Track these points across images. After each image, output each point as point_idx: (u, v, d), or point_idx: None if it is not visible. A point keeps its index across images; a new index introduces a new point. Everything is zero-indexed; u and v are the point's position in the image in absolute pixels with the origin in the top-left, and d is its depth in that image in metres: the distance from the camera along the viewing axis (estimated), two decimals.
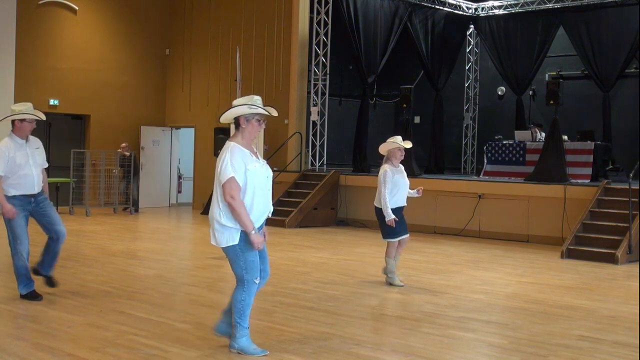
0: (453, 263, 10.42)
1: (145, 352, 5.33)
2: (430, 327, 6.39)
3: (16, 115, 6.93)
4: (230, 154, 5.04)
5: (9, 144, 6.90)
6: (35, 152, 7.07)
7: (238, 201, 4.98)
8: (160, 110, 20.01)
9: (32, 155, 7.00)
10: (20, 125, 6.95)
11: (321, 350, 5.54)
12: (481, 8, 18.62)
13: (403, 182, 8.35)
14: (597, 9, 16.28)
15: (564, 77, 16.95)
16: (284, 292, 7.89)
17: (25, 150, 6.96)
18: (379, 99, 19.74)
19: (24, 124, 6.94)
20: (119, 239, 12.24)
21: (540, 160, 14.00)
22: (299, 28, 17.06)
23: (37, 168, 7.02)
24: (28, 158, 6.95)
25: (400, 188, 8.28)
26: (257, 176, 5.09)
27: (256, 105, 5.19)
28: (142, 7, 19.57)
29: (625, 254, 10.80)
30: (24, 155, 6.93)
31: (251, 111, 5.16)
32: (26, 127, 6.96)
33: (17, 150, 6.89)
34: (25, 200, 6.93)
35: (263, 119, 5.27)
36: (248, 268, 5.17)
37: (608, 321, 6.87)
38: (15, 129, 6.96)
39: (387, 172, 8.20)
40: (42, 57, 17.77)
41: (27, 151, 6.98)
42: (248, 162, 5.06)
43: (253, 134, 5.21)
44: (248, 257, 5.15)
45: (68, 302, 7.03)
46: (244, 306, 5.23)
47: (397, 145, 8.30)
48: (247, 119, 5.19)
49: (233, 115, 5.22)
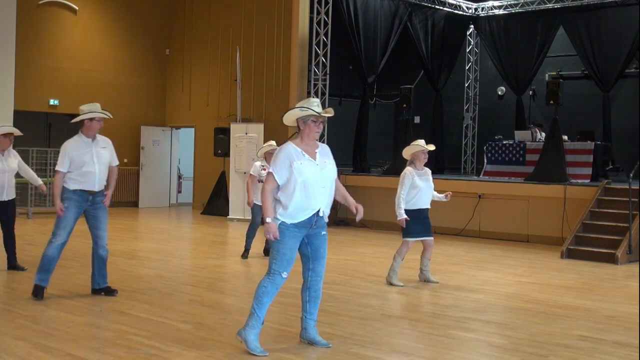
0: (453, 263, 10.42)
1: (145, 352, 5.33)
2: (430, 327, 6.39)
3: (85, 114, 7.26)
4: (277, 152, 5.46)
5: (74, 142, 7.27)
6: (101, 151, 7.35)
7: (266, 191, 5.37)
8: (160, 110, 20.01)
9: (98, 153, 7.29)
10: (90, 124, 7.30)
11: (321, 350, 5.53)
12: (481, 8, 18.61)
13: (426, 185, 8.40)
14: (597, 9, 16.27)
15: (564, 77, 16.93)
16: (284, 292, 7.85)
17: (90, 148, 7.27)
18: (379, 99, 19.73)
19: (92, 122, 7.29)
20: (119, 239, 12.23)
21: (540, 160, 14.00)
22: (299, 28, 17.04)
23: (101, 167, 7.29)
24: (93, 156, 7.24)
25: (421, 190, 8.34)
26: (302, 173, 5.31)
27: (308, 107, 5.46)
28: (142, 7, 19.57)
29: (625, 254, 10.80)
30: (88, 153, 7.22)
31: (303, 113, 5.46)
32: (94, 125, 7.32)
33: (82, 148, 7.23)
34: (83, 196, 7.19)
35: (320, 119, 5.49)
36: (277, 259, 5.39)
37: (608, 321, 6.87)
38: (84, 128, 7.30)
39: (407, 174, 8.33)
40: (42, 57, 17.77)
41: (93, 149, 7.27)
42: (295, 159, 5.35)
43: (311, 134, 5.47)
44: (280, 248, 5.37)
45: (68, 302, 7.03)
46: (264, 293, 5.41)
47: (421, 148, 8.42)
48: (304, 120, 5.47)
49: (292, 119, 5.54)
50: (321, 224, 5.48)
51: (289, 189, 5.34)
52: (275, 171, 5.35)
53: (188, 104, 19.66)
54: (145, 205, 19.06)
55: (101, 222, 7.36)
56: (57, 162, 7.26)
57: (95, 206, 7.30)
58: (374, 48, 16.47)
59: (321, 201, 5.42)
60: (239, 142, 16.38)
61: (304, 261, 5.58)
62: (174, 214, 18.15)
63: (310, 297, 5.60)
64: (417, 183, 8.28)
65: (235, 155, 16.41)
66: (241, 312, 6.82)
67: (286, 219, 5.36)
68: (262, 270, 9.76)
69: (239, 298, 7.70)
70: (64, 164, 7.15)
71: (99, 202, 7.31)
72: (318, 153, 5.48)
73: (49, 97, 17.85)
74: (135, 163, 19.18)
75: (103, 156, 7.34)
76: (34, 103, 17.43)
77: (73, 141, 7.30)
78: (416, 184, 8.27)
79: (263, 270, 9.73)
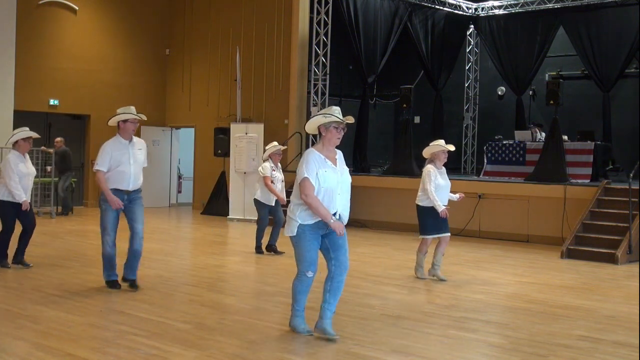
0: (453, 263, 10.41)
1: (145, 352, 5.33)
2: (430, 327, 6.39)
3: (118, 116, 7.58)
4: (305, 158, 5.73)
5: (113, 143, 7.60)
6: (137, 153, 7.66)
7: (311, 197, 5.61)
8: (160, 110, 20.01)
9: (134, 154, 7.61)
10: (124, 126, 7.60)
11: (321, 350, 5.54)
12: (481, 8, 18.61)
13: (445, 184, 8.77)
14: (597, 9, 16.27)
15: (564, 77, 16.94)
16: (284, 292, 7.89)
17: (127, 149, 7.58)
18: (379, 99, 19.73)
19: (126, 124, 7.59)
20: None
21: (540, 160, 13.99)
22: (299, 28, 17.06)
23: (136, 167, 7.63)
24: (129, 157, 7.56)
25: (441, 188, 8.69)
26: (326, 180, 5.67)
27: (331, 114, 5.75)
28: (142, 7, 19.57)
29: (625, 254, 10.80)
30: (125, 154, 7.55)
31: (327, 120, 5.76)
32: (129, 127, 7.61)
33: (119, 149, 7.54)
34: (119, 194, 7.52)
35: (341, 126, 5.79)
36: (300, 260, 5.78)
37: (608, 321, 6.87)
38: (120, 130, 7.62)
39: (430, 171, 8.68)
40: (42, 57, 17.77)
41: (129, 151, 7.59)
42: (320, 167, 5.68)
43: (332, 140, 5.78)
44: (302, 249, 5.74)
45: (68, 302, 7.03)
46: (295, 292, 5.88)
47: (442, 148, 8.78)
48: (326, 127, 5.77)
49: (314, 126, 5.84)
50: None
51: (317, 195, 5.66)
52: (310, 175, 5.63)
53: (188, 104, 19.66)
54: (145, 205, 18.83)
55: (138, 215, 7.72)
56: (97, 162, 7.56)
57: (132, 202, 7.68)
58: (374, 48, 16.47)
59: (339, 205, 5.78)
60: (239, 142, 16.38)
61: (325, 254, 5.85)
62: (174, 214, 18.15)
63: (331, 288, 5.83)
64: (439, 181, 8.64)
65: (235, 155, 16.41)
66: (241, 312, 6.83)
67: (306, 221, 5.68)
68: (262, 270, 9.80)
69: (239, 298, 7.70)
70: (104, 164, 7.49)
71: (134, 199, 7.69)
72: (338, 159, 5.84)
73: (49, 97, 17.85)
74: None
75: (138, 157, 7.68)
76: (34, 103, 17.43)
77: (112, 142, 7.62)
78: (438, 183, 8.64)
79: (263, 270, 9.77)
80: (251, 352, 5.40)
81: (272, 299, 7.52)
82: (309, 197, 5.60)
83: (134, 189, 7.65)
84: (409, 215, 14.42)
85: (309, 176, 5.62)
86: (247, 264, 10.17)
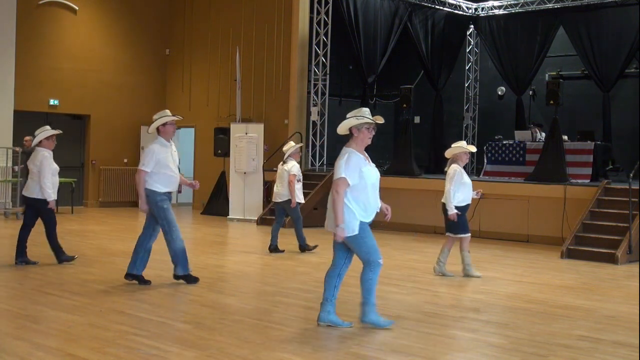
0: (453, 263, 10.41)
1: (145, 352, 5.33)
2: (430, 327, 6.39)
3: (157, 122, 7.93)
4: (347, 157, 6.00)
5: (159, 145, 7.91)
6: (175, 154, 8.00)
7: (340, 196, 5.91)
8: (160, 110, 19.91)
9: (173, 156, 7.95)
10: (164, 129, 7.92)
11: (321, 350, 5.54)
12: (481, 8, 18.61)
13: (469, 182, 9.05)
14: (597, 9, 16.27)
15: (564, 77, 16.93)
16: (284, 292, 7.90)
17: (169, 152, 7.91)
18: (379, 99, 19.72)
19: (166, 127, 7.93)
20: (119, 239, 12.24)
21: (540, 160, 13.99)
22: (299, 28, 17.05)
23: (176, 168, 7.97)
24: (172, 159, 7.91)
25: (467, 187, 8.99)
26: (370, 177, 6.01)
27: (362, 115, 6.07)
28: (142, 7, 19.58)
29: (625, 254, 10.80)
30: (169, 157, 7.87)
31: (359, 122, 6.05)
32: (168, 129, 7.94)
33: (164, 152, 7.86)
34: (169, 196, 7.99)
35: (372, 126, 6.11)
36: (370, 251, 6.06)
37: (608, 321, 6.87)
38: (161, 133, 7.93)
39: (457, 171, 8.92)
40: (42, 57, 17.77)
41: (171, 153, 7.93)
42: (362, 165, 5.99)
43: (365, 140, 6.10)
44: (367, 242, 6.04)
45: (68, 302, 7.03)
46: (372, 284, 6.14)
47: (464, 149, 8.97)
48: (358, 128, 6.08)
49: (346, 127, 6.13)
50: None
51: (363, 191, 5.99)
52: (348, 175, 5.90)
53: (188, 104, 19.66)
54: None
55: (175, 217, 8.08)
56: (142, 162, 7.79)
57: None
58: (374, 48, 16.47)
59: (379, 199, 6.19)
60: (239, 142, 16.38)
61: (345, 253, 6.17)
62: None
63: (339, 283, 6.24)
64: (465, 179, 8.91)
65: (235, 155, 16.40)
66: (241, 312, 6.83)
67: (364, 218, 6.03)
68: (262, 270, 9.80)
69: (239, 298, 7.70)
70: (149, 164, 7.76)
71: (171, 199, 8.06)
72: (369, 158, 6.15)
73: (49, 97, 17.86)
74: (135, 163, 19.06)
75: (176, 158, 8.02)
76: (34, 103, 17.44)
77: (157, 144, 7.91)
78: (465, 181, 8.91)
79: (263, 270, 9.77)
80: (251, 352, 5.40)
81: (272, 299, 7.51)
82: (339, 195, 5.89)
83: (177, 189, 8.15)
84: (409, 215, 14.47)
85: (346, 176, 5.90)
86: (247, 264, 10.17)
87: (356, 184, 5.94)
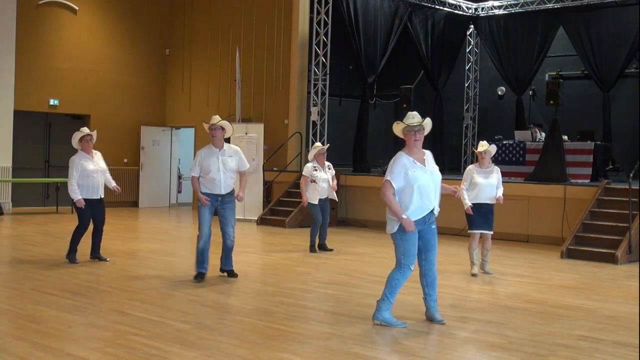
0: (453, 263, 10.42)
1: (145, 352, 5.33)
2: (429, 327, 6.39)
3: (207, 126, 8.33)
4: (393, 160, 6.24)
5: (205, 151, 8.37)
6: (228, 160, 8.28)
7: (387, 195, 6.14)
8: (160, 110, 20.01)
9: (224, 162, 8.25)
10: (210, 135, 8.27)
11: (321, 350, 5.54)
12: (481, 8, 18.62)
13: (485, 182, 9.25)
14: (597, 9, 16.28)
15: (564, 77, 16.94)
16: (284, 292, 7.90)
17: (216, 157, 8.24)
18: (379, 99, 19.73)
19: (211, 132, 8.28)
20: (119, 239, 12.24)
21: (540, 160, 13.99)
22: (299, 28, 17.06)
23: (227, 173, 8.27)
24: (218, 164, 8.22)
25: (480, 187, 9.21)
26: (417, 179, 6.12)
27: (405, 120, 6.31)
28: (142, 7, 19.57)
29: (625, 254, 10.80)
30: (215, 161, 8.22)
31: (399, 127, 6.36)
32: (216, 134, 8.28)
33: (210, 157, 8.26)
34: (212, 197, 8.30)
35: (415, 129, 6.28)
36: (405, 254, 6.21)
37: (608, 321, 6.87)
38: (211, 139, 8.33)
39: (467, 171, 9.38)
40: (42, 57, 17.77)
41: (219, 158, 8.23)
42: (409, 168, 6.14)
43: (410, 143, 6.26)
44: (405, 244, 6.19)
45: (68, 302, 7.03)
46: (397, 285, 6.32)
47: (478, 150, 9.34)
48: (404, 133, 6.34)
49: (396, 133, 6.44)
50: (432, 219, 6.32)
51: (407, 192, 6.15)
52: (392, 178, 6.13)
53: (188, 104, 19.66)
54: (145, 205, 19.06)
55: (228, 219, 8.38)
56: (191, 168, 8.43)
57: (223, 205, 8.35)
58: (374, 48, 16.47)
59: (434, 201, 6.26)
60: (239, 142, 16.36)
61: (418, 253, 6.31)
62: (174, 214, 18.14)
63: (427, 282, 6.44)
64: (476, 180, 9.19)
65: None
66: (241, 312, 6.83)
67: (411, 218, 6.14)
68: (262, 270, 9.79)
69: (239, 298, 7.70)
70: (194, 169, 8.35)
71: (227, 201, 8.35)
72: (426, 160, 6.29)
73: (49, 97, 17.85)
74: (135, 163, 19.19)
75: (229, 164, 8.28)
76: (34, 103, 17.44)
77: (204, 149, 8.40)
78: (475, 181, 9.18)
79: (263, 270, 9.77)
80: (251, 352, 5.40)
81: (272, 299, 7.51)
82: (385, 196, 6.14)
83: (225, 192, 8.30)
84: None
85: (390, 179, 6.13)
86: (247, 264, 10.16)
87: (401, 186, 6.14)
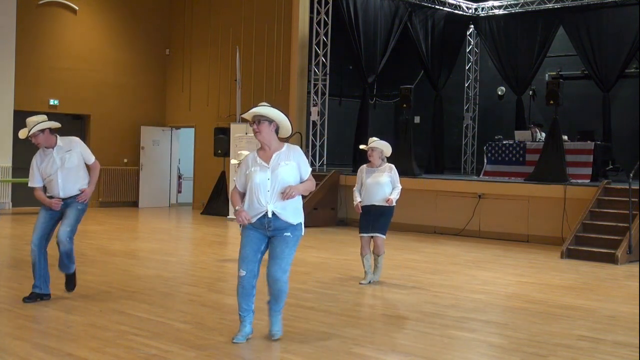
0: (453, 263, 10.42)
1: (145, 352, 5.33)
2: (430, 327, 6.38)
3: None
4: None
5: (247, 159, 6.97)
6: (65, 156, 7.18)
7: (231, 193, 6.01)
8: (160, 110, 20.01)
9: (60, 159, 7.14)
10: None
11: (321, 350, 5.54)
12: (481, 8, 18.61)
13: (371, 181, 8.74)
14: (597, 9, 16.27)
15: (564, 77, 16.92)
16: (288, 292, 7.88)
17: (51, 156, 7.10)
18: (379, 99, 19.72)
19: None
20: (119, 239, 12.24)
21: (540, 160, 13.99)
22: (299, 28, 17.05)
23: (64, 173, 7.10)
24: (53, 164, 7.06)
25: (367, 187, 8.73)
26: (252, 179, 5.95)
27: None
28: (142, 7, 19.57)
29: (625, 254, 10.80)
30: (50, 161, 7.08)
31: None
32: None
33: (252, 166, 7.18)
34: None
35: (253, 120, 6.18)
36: (239, 255, 6.03)
37: (608, 321, 6.87)
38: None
39: (359, 170, 8.94)
40: (42, 57, 17.77)
41: (54, 156, 7.12)
42: (250, 166, 6.00)
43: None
44: (241, 243, 5.94)
45: (68, 302, 7.03)
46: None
47: (367, 147, 9.04)
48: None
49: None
50: (279, 225, 5.75)
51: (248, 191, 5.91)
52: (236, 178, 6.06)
53: (188, 104, 19.66)
54: (145, 205, 19.06)
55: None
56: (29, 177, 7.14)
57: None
58: (374, 48, 16.47)
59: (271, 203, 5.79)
60: (239, 142, 16.36)
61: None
62: (174, 214, 18.15)
63: (270, 293, 5.94)
64: (364, 179, 8.70)
65: (235, 156, 16.38)
66: None
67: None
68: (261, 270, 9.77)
69: None
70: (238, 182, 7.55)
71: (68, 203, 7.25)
72: (278, 156, 6.02)
73: (49, 97, 17.85)
74: (135, 163, 19.18)
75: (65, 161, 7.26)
76: (34, 103, 17.42)
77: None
78: (364, 180, 8.70)
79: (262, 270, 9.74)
80: (251, 352, 5.40)
81: None
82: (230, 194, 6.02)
83: (64, 196, 7.04)
84: (409, 215, 14.46)
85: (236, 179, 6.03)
86: None
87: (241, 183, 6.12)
